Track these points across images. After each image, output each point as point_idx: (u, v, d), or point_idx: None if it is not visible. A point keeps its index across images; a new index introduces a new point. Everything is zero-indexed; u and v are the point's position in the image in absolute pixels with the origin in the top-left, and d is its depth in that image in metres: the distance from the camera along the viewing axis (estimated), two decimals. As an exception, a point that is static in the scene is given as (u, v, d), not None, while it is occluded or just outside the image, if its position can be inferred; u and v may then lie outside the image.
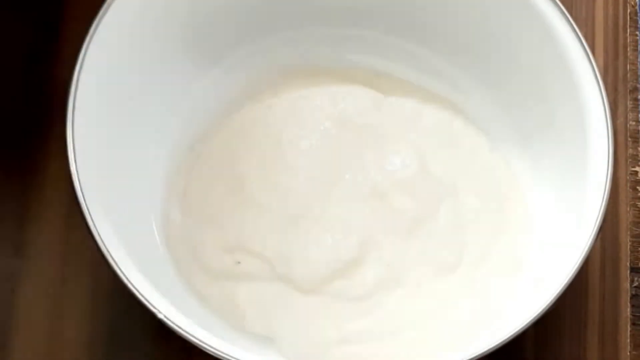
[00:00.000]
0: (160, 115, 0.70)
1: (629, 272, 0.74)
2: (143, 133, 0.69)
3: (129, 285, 0.57)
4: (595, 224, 0.61)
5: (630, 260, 0.75)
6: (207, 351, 0.56)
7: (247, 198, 0.71)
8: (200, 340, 0.56)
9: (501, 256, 0.70)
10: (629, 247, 0.75)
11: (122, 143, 0.65)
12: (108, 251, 0.57)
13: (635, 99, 0.79)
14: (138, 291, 0.57)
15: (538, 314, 0.58)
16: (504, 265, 0.69)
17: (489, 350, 0.57)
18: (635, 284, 0.74)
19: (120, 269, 0.57)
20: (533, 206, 0.71)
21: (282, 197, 0.71)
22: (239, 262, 0.69)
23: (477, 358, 0.57)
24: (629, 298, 0.73)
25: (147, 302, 0.57)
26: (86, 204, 0.58)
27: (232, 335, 0.66)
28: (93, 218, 0.58)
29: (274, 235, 0.70)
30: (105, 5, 0.62)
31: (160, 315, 0.56)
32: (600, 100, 0.64)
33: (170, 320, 0.56)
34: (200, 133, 0.73)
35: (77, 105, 0.60)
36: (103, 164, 0.62)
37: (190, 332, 0.56)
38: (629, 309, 0.73)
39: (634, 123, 0.78)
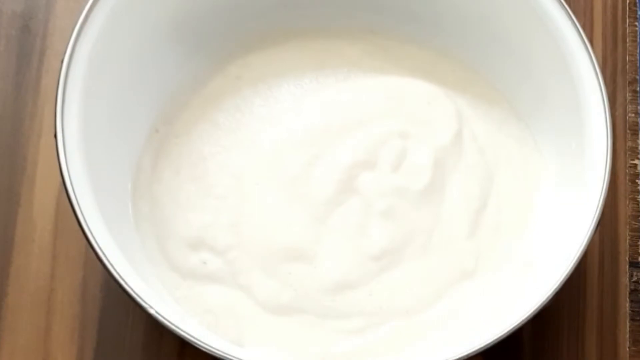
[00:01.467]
0: (136, 99, 0.69)
1: (627, 266, 0.74)
2: (121, 121, 0.67)
3: (121, 282, 0.56)
4: (594, 217, 0.61)
5: (629, 254, 0.74)
6: (202, 348, 0.55)
7: (210, 186, 0.69)
8: (194, 337, 0.55)
9: (513, 256, 0.69)
10: (627, 241, 0.75)
11: (102, 134, 0.64)
12: (100, 248, 0.57)
13: (635, 91, 0.78)
14: (130, 287, 0.56)
15: (536, 309, 0.58)
16: (515, 264, 0.68)
17: (486, 346, 0.57)
18: (634, 278, 0.73)
19: (111, 265, 0.56)
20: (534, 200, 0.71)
21: (247, 187, 0.69)
22: (205, 263, 0.66)
23: (474, 354, 0.56)
24: (627, 293, 0.73)
25: (138, 297, 0.56)
26: (78, 202, 0.58)
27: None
28: (85, 217, 0.57)
29: (235, 233, 0.68)
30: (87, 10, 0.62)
31: (151, 311, 0.55)
32: (599, 92, 0.64)
33: (162, 316, 0.55)
34: (165, 112, 0.71)
35: (65, 102, 0.60)
36: (89, 156, 0.61)
37: (184, 328, 0.56)
38: (627, 304, 0.73)
39: (633, 115, 0.78)
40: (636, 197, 0.76)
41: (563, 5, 0.65)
